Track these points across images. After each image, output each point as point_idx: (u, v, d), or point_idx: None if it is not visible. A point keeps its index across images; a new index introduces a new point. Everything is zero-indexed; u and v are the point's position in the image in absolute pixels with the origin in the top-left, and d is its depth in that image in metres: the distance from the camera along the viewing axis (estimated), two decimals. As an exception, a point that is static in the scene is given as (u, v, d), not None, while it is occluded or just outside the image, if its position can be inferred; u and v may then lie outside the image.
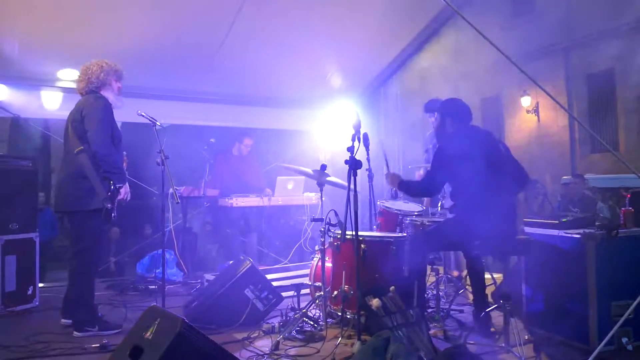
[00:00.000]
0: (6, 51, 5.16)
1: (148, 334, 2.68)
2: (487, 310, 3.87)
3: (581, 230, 3.49)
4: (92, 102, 4.06)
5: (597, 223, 3.59)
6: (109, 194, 3.90)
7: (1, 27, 4.97)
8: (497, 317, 4.00)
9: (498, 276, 4.80)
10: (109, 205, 3.89)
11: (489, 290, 4.22)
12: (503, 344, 3.44)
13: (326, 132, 7.47)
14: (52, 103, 5.68)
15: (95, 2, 4.89)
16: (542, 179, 11.55)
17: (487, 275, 4.29)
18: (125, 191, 4.09)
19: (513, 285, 4.03)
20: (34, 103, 5.71)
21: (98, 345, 3.64)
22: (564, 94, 13.41)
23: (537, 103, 14.43)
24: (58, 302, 4.42)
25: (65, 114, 4.30)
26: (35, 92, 5.70)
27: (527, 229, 3.93)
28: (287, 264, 5.97)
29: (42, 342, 3.79)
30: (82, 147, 3.97)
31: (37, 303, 4.92)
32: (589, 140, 13.72)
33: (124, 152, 4.32)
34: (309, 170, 4.51)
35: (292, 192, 6.29)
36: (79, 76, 4.20)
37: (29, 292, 4.86)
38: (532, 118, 14.67)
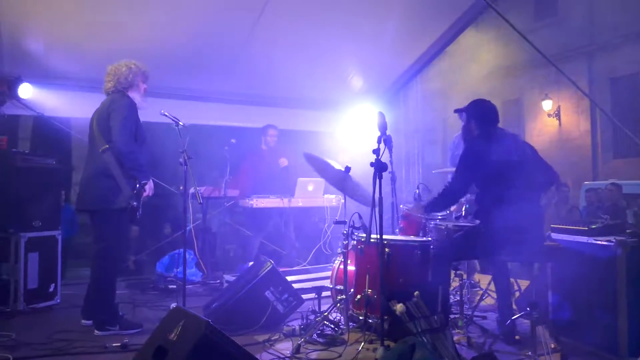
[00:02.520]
0: (31, 50, 5.21)
1: (172, 335, 2.67)
2: (513, 317, 3.79)
3: (612, 238, 3.41)
4: (118, 101, 4.09)
5: (628, 230, 3.51)
6: (135, 192, 3.91)
7: (27, 26, 5.02)
8: (521, 325, 3.93)
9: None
10: (135, 203, 3.90)
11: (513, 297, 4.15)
12: (530, 353, 3.38)
13: (346, 134, 7.44)
14: (76, 102, 5.73)
15: (119, 2, 4.92)
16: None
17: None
18: (149, 187, 4.09)
19: (538, 293, 3.95)
20: (57, 102, 5.77)
21: (119, 344, 3.65)
22: (587, 97, 13.19)
23: (559, 107, 14.25)
24: (79, 300, 4.44)
25: (87, 113, 4.33)
26: (59, 91, 5.76)
27: (555, 235, 3.85)
28: (306, 266, 5.94)
29: (64, 339, 3.81)
30: (107, 146, 4.00)
31: (58, 300, 4.96)
32: (612, 145, 13.50)
33: None
34: (336, 164, 4.35)
35: (312, 193, 6.25)
36: (107, 76, 4.22)
37: (51, 289, 4.90)
38: (553, 122, 14.50)
